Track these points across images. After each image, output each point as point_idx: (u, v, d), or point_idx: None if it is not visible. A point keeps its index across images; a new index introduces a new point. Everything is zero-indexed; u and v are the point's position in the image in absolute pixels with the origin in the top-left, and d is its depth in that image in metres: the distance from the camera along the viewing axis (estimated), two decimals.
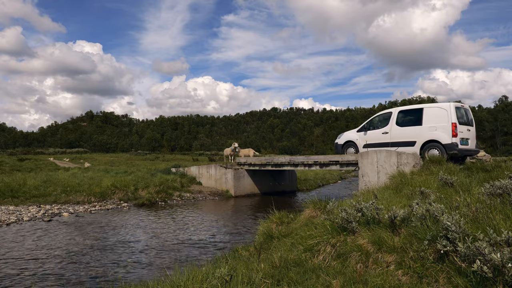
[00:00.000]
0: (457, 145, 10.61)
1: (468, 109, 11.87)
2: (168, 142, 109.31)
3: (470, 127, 11.46)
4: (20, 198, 15.05)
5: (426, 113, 11.40)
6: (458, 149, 10.61)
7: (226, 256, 6.11)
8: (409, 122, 11.84)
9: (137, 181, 17.60)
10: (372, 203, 4.95)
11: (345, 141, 13.88)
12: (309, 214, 7.18)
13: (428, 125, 11.21)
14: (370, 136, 12.84)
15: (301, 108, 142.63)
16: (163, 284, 4.00)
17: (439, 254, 3.35)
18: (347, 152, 13.75)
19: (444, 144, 10.80)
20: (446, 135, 10.76)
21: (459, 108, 11.27)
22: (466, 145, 11.03)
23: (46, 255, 7.78)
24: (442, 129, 10.90)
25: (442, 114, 11.04)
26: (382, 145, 12.29)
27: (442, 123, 10.93)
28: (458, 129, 10.74)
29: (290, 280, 3.86)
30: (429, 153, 11.07)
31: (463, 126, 11.06)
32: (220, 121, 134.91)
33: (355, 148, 13.46)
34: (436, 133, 11.00)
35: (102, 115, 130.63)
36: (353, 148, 13.56)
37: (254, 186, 19.29)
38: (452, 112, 10.82)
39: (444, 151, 10.77)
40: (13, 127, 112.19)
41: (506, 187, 4.52)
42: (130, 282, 5.58)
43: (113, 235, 9.67)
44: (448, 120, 10.81)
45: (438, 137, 10.94)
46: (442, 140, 10.84)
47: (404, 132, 11.80)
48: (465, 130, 11.11)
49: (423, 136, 11.28)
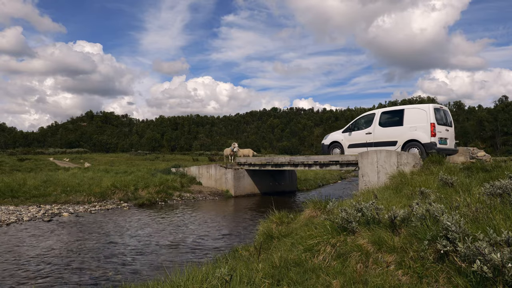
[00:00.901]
0: (435, 144, 11.14)
1: (447, 110, 12.41)
2: (168, 142, 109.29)
3: (449, 127, 11.98)
4: (20, 198, 15.05)
5: (407, 114, 11.92)
6: (437, 148, 11.10)
7: (226, 256, 6.12)
8: (391, 122, 12.34)
9: (137, 181, 17.59)
10: (372, 203, 4.95)
11: (330, 142, 14.39)
12: (309, 214, 7.18)
13: (409, 126, 11.73)
14: (354, 136, 13.36)
15: (301, 108, 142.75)
16: (163, 284, 4.00)
17: (439, 254, 3.34)
18: (333, 153, 14.22)
19: (423, 143, 11.32)
20: (425, 135, 11.28)
21: (438, 109, 11.80)
22: (444, 144, 11.57)
23: (46, 255, 7.78)
24: (421, 129, 11.41)
25: (422, 115, 11.53)
26: (366, 145, 12.79)
27: (421, 124, 11.43)
28: (437, 129, 11.23)
29: (290, 280, 3.86)
30: (409, 152, 11.61)
31: (442, 127, 11.56)
32: (220, 121, 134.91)
33: (341, 148, 13.96)
34: (416, 133, 11.52)
35: (102, 115, 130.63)
36: (339, 149, 14.05)
37: (254, 186, 19.29)
38: (431, 113, 11.33)
39: (423, 150, 11.29)
40: (13, 127, 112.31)
41: (506, 187, 4.52)
42: (130, 282, 5.58)
43: (113, 235, 9.67)
44: (427, 121, 11.31)
45: (418, 137, 11.47)
46: (421, 140, 11.35)
47: (386, 133, 12.31)
48: (444, 130, 11.63)
49: (404, 136, 11.79)
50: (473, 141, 75.53)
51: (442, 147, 11.37)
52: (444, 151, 11.39)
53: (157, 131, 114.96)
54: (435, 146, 11.12)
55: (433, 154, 10.75)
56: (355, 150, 13.25)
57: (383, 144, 12.29)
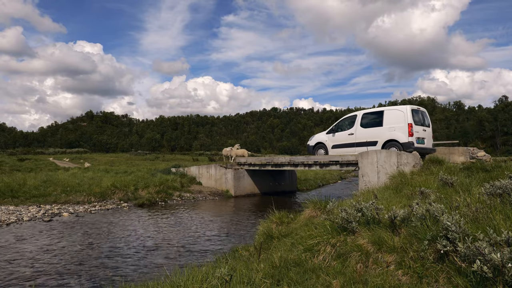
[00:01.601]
0: (413, 143, 11.63)
1: (425, 111, 12.94)
2: (168, 142, 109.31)
3: (426, 127, 12.50)
4: (20, 198, 15.04)
5: (386, 115, 12.45)
6: (414, 147, 11.60)
7: (226, 256, 6.11)
8: (371, 124, 12.87)
9: (137, 181, 17.59)
10: (372, 203, 4.95)
11: (315, 143, 14.91)
12: (309, 214, 7.17)
13: (388, 126, 12.28)
14: (338, 137, 13.92)
15: (301, 108, 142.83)
16: (163, 284, 4.00)
17: (439, 254, 3.34)
18: (318, 153, 14.76)
19: (401, 143, 11.83)
20: (403, 135, 11.80)
21: (415, 110, 12.31)
22: (422, 144, 12.08)
23: (46, 255, 7.78)
24: (400, 130, 11.94)
25: (400, 116, 12.06)
26: (349, 145, 13.41)
27: (400, 124, 11.96)
28: (414, 129, 11.75)
29: (290, 280, 3.86)
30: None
31: (419, 127, 12.07)
32: (220, 121, 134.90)
33: (325, 149, 14.50)
34: (395, 133, 12.06)
35: (102, 115, 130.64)
36: (323, 150, 14.60)
37: (254, 186, 19.28)
38: (408, 114, 11.84)
39: (402, 149, 11.79)
40: (13, 127, 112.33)
41: (506, 187, 4.52)
42: (130, 282, 5.58)
43: (113, 235, 9.67)
44: (405, 121, 11.83)
45: (396, 137, 12.00)
46: (399, 139, 11.87)
47: (367, 133, 12.86)
48: (421, 130, 12.14)
49: (383, 136, 12.34)
50: (473, 141, 75.53)
51: (419, 147, 11.84)
52: (422, 150, 11.84)
53: (157, 131, 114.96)
54: (412, 146, 11.59)
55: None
56: (339, 151, 13.89)
57: (365, 144, 12.81)
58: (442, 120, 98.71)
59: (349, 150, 13.51)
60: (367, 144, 12.78)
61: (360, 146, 12.99)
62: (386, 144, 12.28)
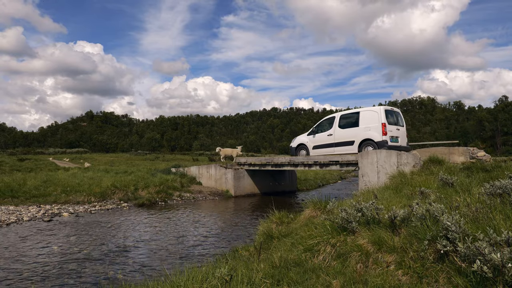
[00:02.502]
0: (386, 142, 12.26)
1: (398, 112, 13.63)
2: (168, 142, 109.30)
3: (400, 127, 13.15)
4: (20, 198, 15.04)
5: (362, 116, 13.10)
6: (388, 146, 12.22)
7: (226, 256, 6.11)
8: (349, 124, 13.52)
9: (137, 181, 17.58)
10: (372, 203, 4.95)
11: (297, 144, 15.60)
12: (309, 214, 7.17)
13: (364, 126, 12.91)
14: (318, 138, 14.61)
15: (301, 108, 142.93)
16: (163, 284, 4.00)
17: (439, 254, 3.34)
18: (300, 154, 15.44)
19: (376, 142, 12.44)
20: (377, 134, 12.43)
21: (389, 111, 13.01)
22: (396, 142, 12.69)
23: (45, 255, 7.78)
24: (374, 129, 12.56)
25: (374, 116, 12.68)
26: (328, 146, 14.13)
27: (374, 124, 12.59)
28: (388, 128, 12.38)
29: (290, 280, 3.86)
30: (365, 150, 12.74)
31: (393, 126, 12.71)
32: (220, 121, 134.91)
33: (306, 150, 15.15)
34: (370, 133, 12.67)
35: (102, 115, 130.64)
36: (305, 151, 15.25)
37: (254, 186, 19.28)
38: (382, 115, 12.47)
39: (376, 147, 12.38)
40: (13, 127, 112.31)
41: (506, 187, 4.52)
42: (130, 282, 5.58)
43: (113, 235, 9.67)
44: (379, 121, 12.45)
45: (371, 136, 12.63)
46: (374, 138, 12.50)
47: (345, 133, 13.51)
48: (395, 129, 12.77)
49: (360, 136, 12.96)
50: (473, 141, 75.50)
51: (393, 145, 12.45)
52: (396, 148, 12.40)
53: (157, 131, 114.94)
54: (386, 144, 12.22)
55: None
56: (319, 151, 14.54)
57: (343, 144, 13.52)
58: (442, 120, 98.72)
59: (328, 150, 14.17)
60: (345, 144, 13.44)
61: (339, 146, 13.68)
62: (362, 144, 12.87)
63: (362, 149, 12.79)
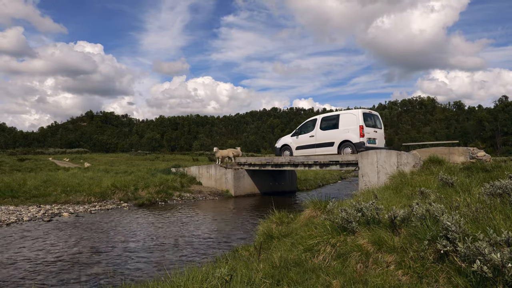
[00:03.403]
0: (364, 143, 12.89)
1: (376, 115, 14.24)
2: (168, 142, 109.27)
3: (378, 129, 13.83)
4: (20, 198, 15.04)
5: (342, 118, 13.77)
6: (365, 147, 12.83)
7: (226, 256, 6.11)
8: (329, 126, 14.23)
9: (137, 181, 17.58)
10: (372, 203, 4.95)
11: (281, 145, 16.35)
12: (309, 214, 7.17)
13: (343, 128, 13.58)
14: (301, 139, 15.33)
15: (301, 108, 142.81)
16: (163, 284, 4.00)
17: (439, 254, 3.34)
18: (284, 155, 16.20)
19: (354, 143, 13.09)
20: (355, 136, 13.08)
21: (367, 114, 13.60)
22: (373, 143, 13.33)
23: (45, 255, 7.78)
24: (352, 131, 13.21)
25: (353, 119, 13.31)
26: (310, 147, 14.81)
27: (352, 126, 13.23)
28: (365, 130, 13.02)
29: (290, 280, 3.86)
30: (344, 151, 13.51)
31: (371, 129, 13.38)
32: (220, 121, 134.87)
33: (290, 150, 15.90)
34: (348, 135, 13.34)
35: (102, 115, 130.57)
36: (288, 151, 16.00)
37: (254, 186, 19.27)
38: (360, 117, 13.09)
39: (354, 148, 13.05)
40: (13, 127, 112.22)
41: (506, 187, 4.52)
42: (130, 282, 5.58)
43: (113, 235, 9.67)
44: (357, 124, 13.08)
45: (349, 138, 13.29)
46: (352, 140, 13.16)
47: (326, 135, 14.23)
48: (372, 131, 13.43)
49: (339, 137, 13.67)
50: (473, 141, 75.49)
51: (370, 146, 13.05)
52: (372, 149, 12.90)
53: (157, 131, 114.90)
54: (363, 145, 12.83)
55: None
56: (302, 152, 15.23)
57: (324, 145, 14.21)
58: (442, 120, 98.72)
59: (310, 151, 14.83)
60: (325, 145, 14.14)
61: (320, 147, 14.36)
62: (342, 145, 13.57)
63: (341, 150, 13.58)
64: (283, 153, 16.27)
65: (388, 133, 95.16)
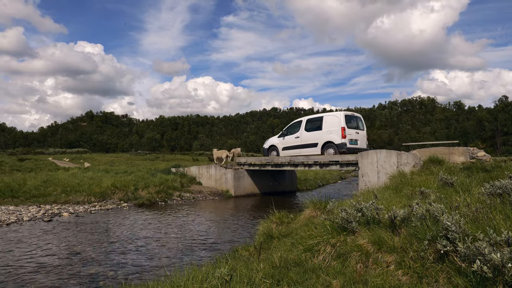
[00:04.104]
0: (345, 144, 13.42)
1: (359, 116, 14.81)
2: (168, 142, 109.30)
3: (360, 131, 14.28)
4: (20, 198, 15.04)
5: (325, 120, 14.26)
6: (347, 148, 13.39)
7: (226, 256, 6.11)
8: (313, 128, 14.74)
9: (137, 181, 17.58)
10: (372, 203, 4.95)
11: (269, 146, 16.91)
12: (309, 214, 7.17)
13: (326, 130, 14.08)
14: (287, 140, 15.88)
15: (301, 108, 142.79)
16: (163, 284, 4.00)
17: (439, 254, 3.34)
18: (271, 155, 16.75)
19: (336, 144, 13.60)
20: (337, 137, 13.60)
21: (350, 116, 14.16)
22: (355, 144, 13.81)
23: (45, 255, 7.78)
24: (335, 133, 13.71)
25: (335, 120, 13.82)
26: (295, 147, 15.36)
27: (335, 128, 13.73)
28: (347, 132, 13.51)
29: (290, 280, 3.86)
30: (327, 151, 14.01)
31: (352, 130, 13.83)
32: (220, 121, 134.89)
33: (277, 151, 16.46)
34: (331, 136, 13.85)
35: (102, 115, 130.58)
36: (275, 152, 16.56)
37: (254, 186, 19.27)
38: (342, 119, 13.58)
39: (336, 149, 13.58)
40: (13, 127, 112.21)
41: (506, 187, 4.52)
42: (130, 282, 5.58)
43: (113, 235, 9.67)
44: (339, 125, 13.56)
45: (332, 139, 13.80)
46: (334, 141, 13.69)
47: (310, 136, 14.74)
48: (354, 133, 13.89)
49: (322, 138, 14.19)
50: (473, 141, 75.46)
51: (352, 147, 13.56)
52: (354, 150, 13.53)
53: (157, 131, 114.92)
54: (345, 146, 13.38)
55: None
56: (288, 152, 15.77)
57: (308, 145, 14.71)
58: (442, 120, 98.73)
59: (295, 151, 15.34)
60: (310, 146, 14.63)
61: (305, 147, 14.85)
62: (325, 146, 14.08)
63: (324, 151, 14.09)
64: (270, 154, 16.84)
65: (388, 133, 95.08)
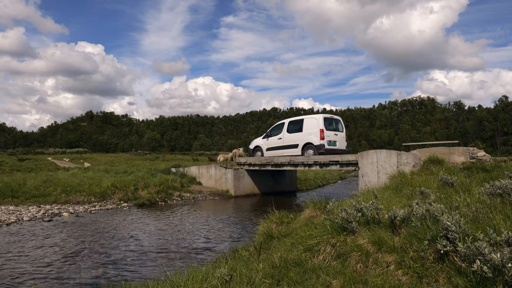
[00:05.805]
0: (324, 145, 14.00)
1: (338, 119, 15.34)
2: (168, 142, 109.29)
3: (339, 132, 14.92)
4: (20, 198, 15.03)
5: (305, 122, 14.85)
6: (325, 149, 13.98)
7: (226, 256, 6.11)
8: (295, 129, 15.34)
9: (137, 181, 17.56)
10: (372, 203, 4.95)
11: (254, 146, 17.59)
12: (309, 214, 7.17)
13: (306, 132, 14.66)
14: (270, 141, 16.49)
15: (301, 108, 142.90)
16: (163, 284, 4.00)
17: (439, 254, 3.34)
18: (256, 155, 17.40)
19: (315, 145, 14.18)
20: (316, 138, 14.19)
21: (328, 118, 14.72)
22: (334, 146, 14.39)
23: (45, 255, 7.78)
24: (314, 134, 14.29)
25: (315, 123, 14.39)
26: (278, 148, 15.99)
27: (314, 130, 14.32)
28: (325, 133, 14.08)
29: (290, 280, 3.85)
30: (307, 152, 14.54)
31: (331, 132, 14.46)
32: (220, 121, 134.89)
33: (261, 151, 17.08)
34: (310, 137, 14.44)
35: (102, 115, 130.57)
36: (260, 152, 17.17)
37: (254, 186, 19.26)
38: (320, 121, 14.19)
39: (315, 150, 14.15)
40: (13, 127, 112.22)
41: (506, 187, 4.52)
42: (130, 282, 5.58)
43: (113, 235, 9.67)
44: (318, 127, 14.15)
45: (311, 140, 14.38)
46: (314, 142, 14.27)
47: (291, 138, 15.36)
48: (332, 134, 14.48)
49: (303, 140, 14.76)
50: (473, 141, 75.46)
51: (330, 148, 14.15)
52: (332, 151, 14.23)
53: (157, 131, 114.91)
54: (323, 147, 13.95)
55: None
56: (271, 153, 16.43)
57: (290, 147, 15.33)
58: (442, 120, 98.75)
59: (278, 152, 15.94)
60: (291, 147, 15.21)
61: (286, 148, 15.44)
62: (305, 147, 14.60)
63: (304, 152, 14.62)
64: (255, 154, 17.45)
65: (388, 133, 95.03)
